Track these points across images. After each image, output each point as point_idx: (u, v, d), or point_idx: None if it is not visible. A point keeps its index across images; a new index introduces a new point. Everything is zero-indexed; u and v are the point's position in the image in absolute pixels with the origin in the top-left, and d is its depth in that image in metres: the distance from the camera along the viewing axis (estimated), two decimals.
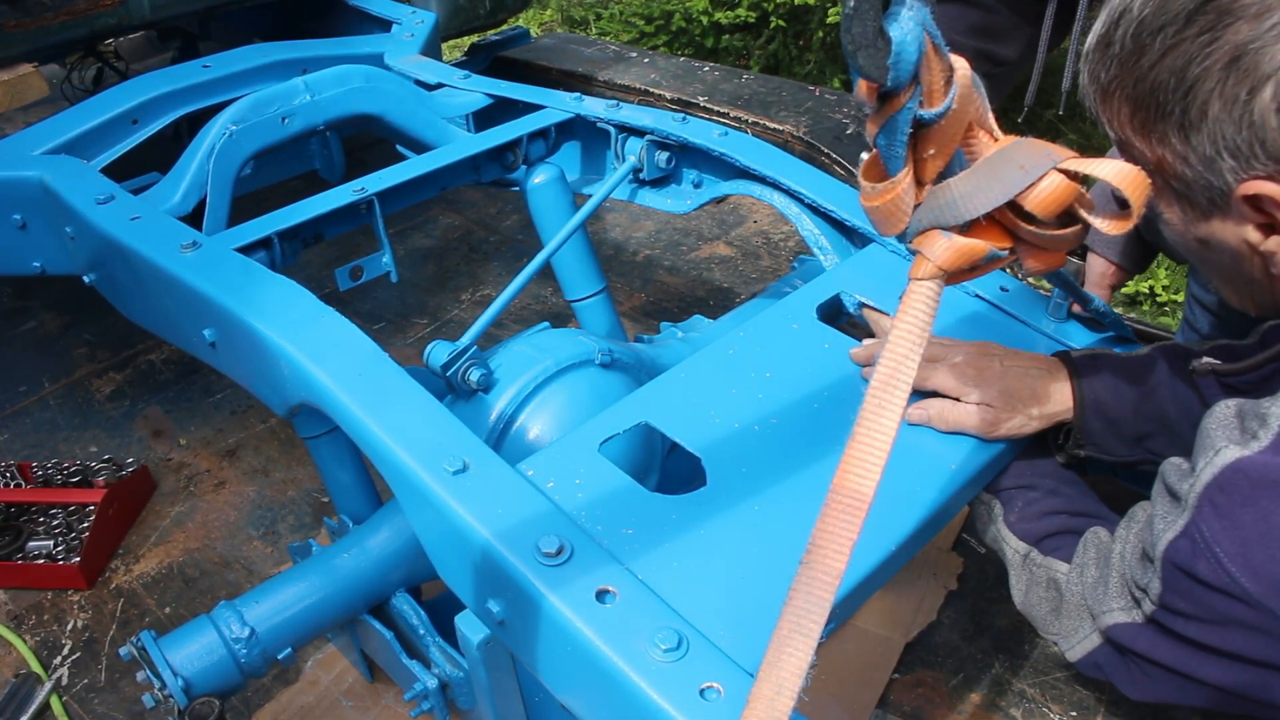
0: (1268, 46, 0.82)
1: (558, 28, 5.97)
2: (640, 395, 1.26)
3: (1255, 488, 0.84)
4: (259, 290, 1.39)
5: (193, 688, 1.30)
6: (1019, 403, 1.17)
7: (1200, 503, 0.87)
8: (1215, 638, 0.90)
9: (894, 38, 0.70)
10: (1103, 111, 0.97)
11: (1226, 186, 0.88)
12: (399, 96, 2.01)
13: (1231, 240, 0.93)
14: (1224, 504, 0.85)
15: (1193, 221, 0.96)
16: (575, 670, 0.97)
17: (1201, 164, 0.89)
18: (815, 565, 0.79)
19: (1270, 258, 0.91)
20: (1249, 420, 0.88)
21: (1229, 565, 0.84)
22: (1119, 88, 0.93)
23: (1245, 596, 0.84)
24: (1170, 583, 0.91)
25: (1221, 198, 0.90)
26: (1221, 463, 0.86)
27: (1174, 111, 0.88)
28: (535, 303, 2.76)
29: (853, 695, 1.64)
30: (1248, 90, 0.83)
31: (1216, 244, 0.95)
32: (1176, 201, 0.95)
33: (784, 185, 1.69)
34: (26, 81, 2.14)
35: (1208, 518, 0.86)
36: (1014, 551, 1.17)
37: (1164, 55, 0.87)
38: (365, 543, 1.45)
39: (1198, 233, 0.96)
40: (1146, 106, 0.90)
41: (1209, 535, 0.86)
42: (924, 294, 0.83)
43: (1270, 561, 0.82)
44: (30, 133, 1.92)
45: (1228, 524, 0.85)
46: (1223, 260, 0.97)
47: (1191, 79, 0.86)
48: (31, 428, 2.38)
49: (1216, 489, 0.86)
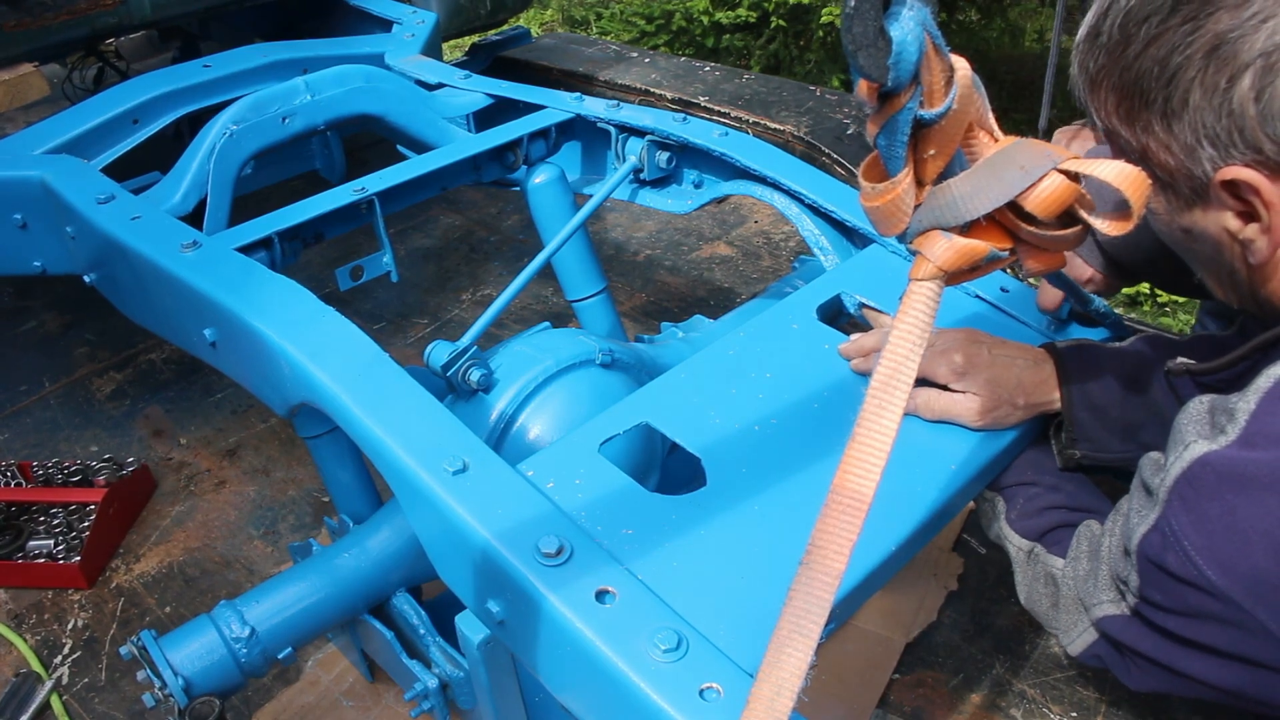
0: (1247, 36, 0.83)
1: (558, 27, 5.97)
2: (640, 395, 1.26)
3: (1221, 482, 0.84)
4: (259, 290, 1.39)
5: (193, 687, 1.30)
6: (1005, 391, 1.17)
7: (1170, 497, 0.88)
8: (1192, 631, 0.90)
9: (894, 38, 0.70)
10: (1091, 101, 0.98)
11: (1206, 175, 0.90)
12: (400, 96, 2.01)
13: (1212, 229, 0.95)
14: (1191, 498, 0.86)
15: (1177, 211, 0.97)
16: (575, 670, 0.97)
17: (1183, 152, 0.90)
18: (815, 565, 0.79)
19: (1249, 246, 0.92)
20: (1218, 415, 0.89)
21: (1196, 559, 0.85)
22: (1106, 77, 0.94)
23: (1213, 590, 0.84)
24: (1145, 576, 0.92)
25: (1202, 186, 0.91)
26: (1190, 457, 0.87)
27: (1157, 100, 0.89)
28: (536, 303, 2.76)
29: (853, 695, 1.64)
30: (1227, 79, 0.84)
31: (1199, 233, 0.97)
32: (1161, 191, 0.97)
33: (784, 185, 1.69)
34: (27, 81, 2.14)
35: (1176, 512, 0.87)
36: (1017, 549, 1.18)
37: (1148, 45, 0.89)
38: (365, 543, 1.45)
39: (1181, 222, 0.97)
40: (1131, 95, 0.92)
41: (1178, 529, 0.86)
42: (924, 294, 0.83)
43: (1236, 556, 0.83)
44: (31, 132, 1.92)
45: (1195, 518, 0.85)
46: (1205, 250, 0.99)
47: (1174, 68, 0.87)
48: (32, 427, 2.38)
49: (1185, 483, 0.87)
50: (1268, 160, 0.85)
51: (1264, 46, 0.82)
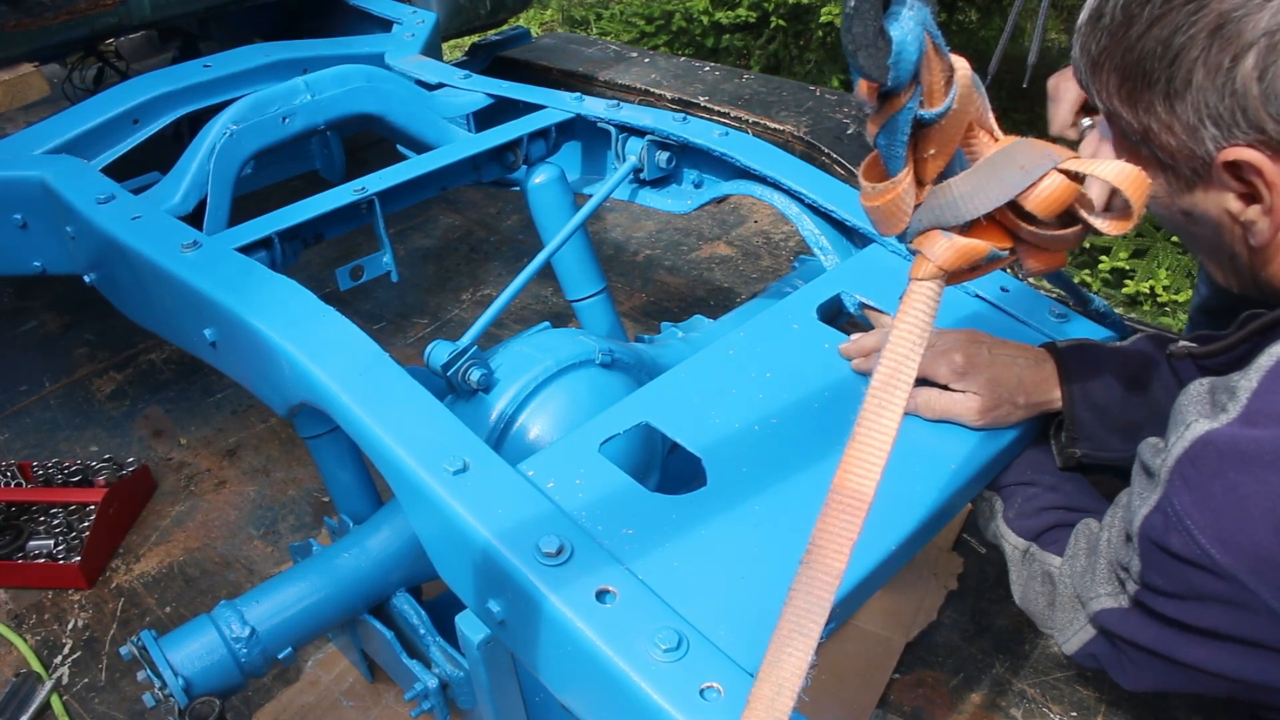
0: (1251, 15, 0.83)
1: (558, 28, 5.97)
2: (640, 395, 1.27)
3: (1223, 460, 0.84)
4: (259, 290, 1.39)
5: (193, 687, 1.30)
6: (1005, 391, 1.17)
7: (1172, 477, 0.87)
8: (1194, 615, 0.90)
9: (894, 38, 0.70)
10: (1092, 83, 0.98)
11: (1209, 155, 0.90)
12: (400, 96, 2.01)
13: (1213, 211, 0.94)
14: (1194, 477, 0.85)
15: (1177, 193, 0.97)
16: (575, 670, 0.97)
17: (1185, 133, 0.90)
18: (815, 565, 0.79)
19: (1250, 228, 0.92)
20: (1219, 394, 0.89)
21: (1200, 538, 0.84)
22: (1108, 59, 0.94)
23: (1217, 569, 0.84)
24: (1147, 559, 0.91)
25: (1204, 167, 0.91)
26: (1191, 436, 0.86)
27: (1160, 80, 0.89)
28: (535, 303, 2.76)
29: (853, 695, 1.64)
30: (1230, 58, 0.84)
31: (1199, 216, 0.97)
32: (1162, 173, 0.96)
33: (784, 185, 1.69)
34: (27, 81, 2.14)
35: (1179, 491, 0.86)
36: (1012, 548, 1.17)
37: (1152, 25, 0.89)
38: (365, 542, 1.45)
39: (1182, 205, 0.97)
40: (1134, 76, 0.92)
41: (1180, 509, 0.86)
42: (924, 294, 0.83)
43: (1239, 533, 0.82)
44: (31, 132, 1.92)
45: (1198, 496, 0.85)
46: (1206, 233, 0.99)
47: (1177, 47, 0.87)
48: (32, 427, 2.38)
49: (1187, 462, 0.86)
50: (1270, 140, 0.86)
51: (1268, 25, 0.82)
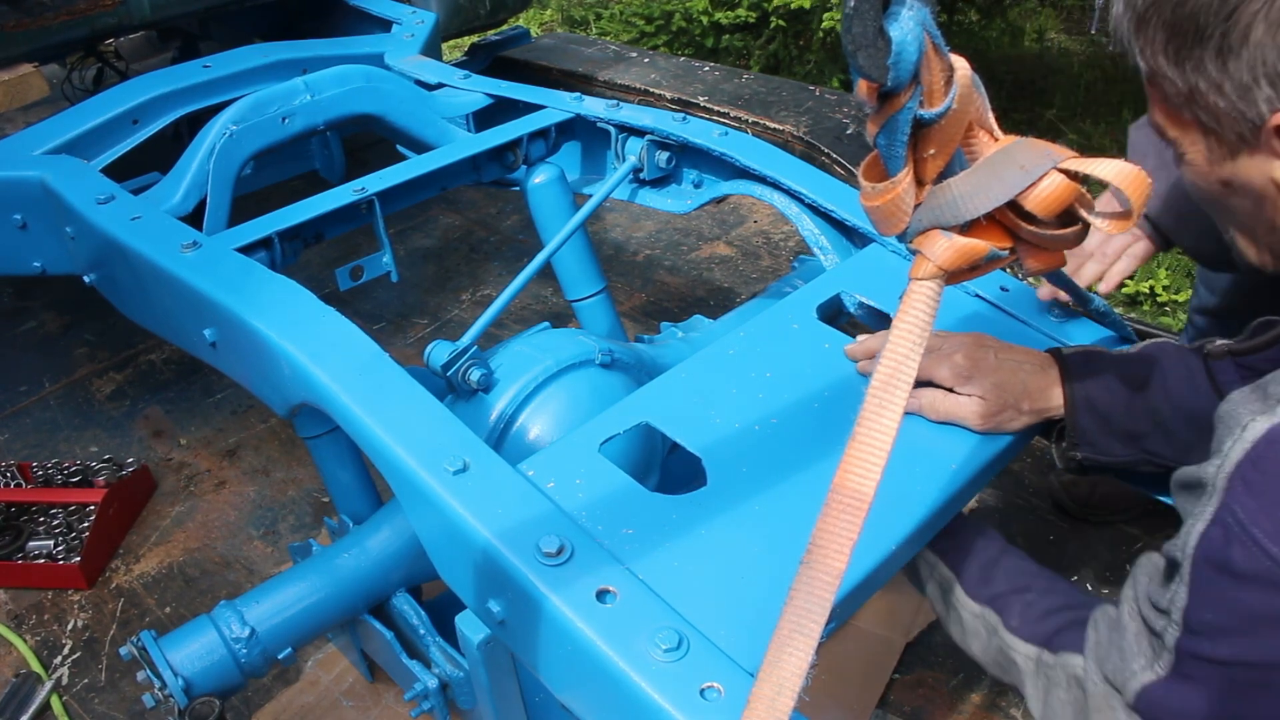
0: None
1: (558, 28, 5.97)
2: (640, 395, 1.26)
3: None
4: (259, 290, 1.39)
5: (193, 687, 1.30)
6: (1010, 396, 1.16)
7: (1230, 483, 0.79)
8: (1253, 651, 0.80)
9: (894, 38, 0.70)
10: (1136, 39, 0.93)
11: (1260, 117, 0.85)
12: (399, 96, 2.01)
13: (1256, 179, 0.90)
14: (1258, 480, 0.77)
15: (1218, 160, 0.92)
16: (575, 670, 0.97)
17: (1237, 93, 0.85)
18: (815, 565, 0.79)
19: None
20: (1272, 387, 0.81)
21: (1270, 546, 0.75)
22: (1156, 13, 0.89)
23: None
24: (1200, 587, 0.81)
25: (1252, 131, 0.87)
26: (1252, 436, 0.78)
27: (1213, 35, 0.84)
28: (535, 303, 2.76)
29: (853, 695, 1.64)
30: None
31: (1240, 184, 0.92)
32: (1203, 138, 0.92)
33: (784, 185, 1.69)
34: (27, 81, 2.14)
35: (1240, 497, 0.78)
36: (1025, 658, 1.06)
37: None
38: (365, 543, 1.45)
39: (1221, 173, 0.93)
40: (1184, 31, 0.87)
41: (1244, 516, 0.77)
42: (924, 294, 0.83)
43: None
44: (30, 133, 1.92)
45: (1265, 501, 0.76)
46: (1245, 204, 0.94)
47: (1235, 1, 0.82)
48: (32, 427, 2.38)
49: (1249, 465, 0.78)
50: None
51: None
